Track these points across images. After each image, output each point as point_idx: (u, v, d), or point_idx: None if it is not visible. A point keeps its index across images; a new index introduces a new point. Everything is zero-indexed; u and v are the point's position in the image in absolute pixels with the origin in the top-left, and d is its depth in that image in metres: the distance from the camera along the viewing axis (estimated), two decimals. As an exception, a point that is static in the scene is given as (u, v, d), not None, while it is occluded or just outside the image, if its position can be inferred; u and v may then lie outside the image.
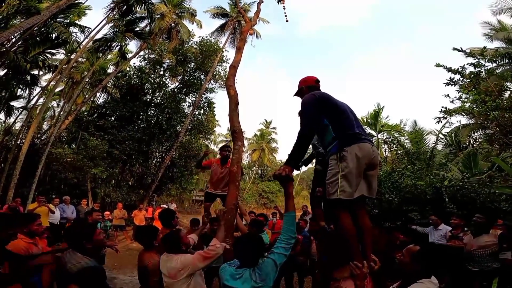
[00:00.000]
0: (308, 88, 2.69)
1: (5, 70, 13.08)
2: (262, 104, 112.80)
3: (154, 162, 19.47)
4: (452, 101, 10.91)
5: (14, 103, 16.53)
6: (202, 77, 20.17)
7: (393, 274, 2.45)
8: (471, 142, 13.83)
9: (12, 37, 10.93)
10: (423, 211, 6.98)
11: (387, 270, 2.68)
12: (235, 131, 3.92)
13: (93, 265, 2.38)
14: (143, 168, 17.49)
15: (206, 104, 21.08)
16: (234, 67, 4.78)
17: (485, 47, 9.18)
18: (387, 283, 2.45)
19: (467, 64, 9.06)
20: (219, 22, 22.36)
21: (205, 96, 20.66)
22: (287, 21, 7.55)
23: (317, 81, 2.80)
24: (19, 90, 15.33)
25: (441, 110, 10.35)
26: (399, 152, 13.81)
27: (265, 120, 43.95)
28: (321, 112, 2.34)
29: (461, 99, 11.14)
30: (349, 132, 2.29)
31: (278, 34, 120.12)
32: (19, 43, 12.68)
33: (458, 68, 8.89)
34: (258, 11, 6.65)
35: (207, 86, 19.93)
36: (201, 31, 69.23)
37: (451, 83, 9.11)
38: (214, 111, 22.03)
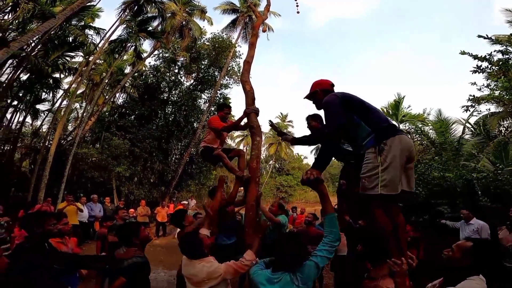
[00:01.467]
0: (323, 92, 2.57)
1: (28, 74, 13.62)
2: (277, 97, 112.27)
3: (173, 159, 19.87)
4: (480, 89, 10.46)
5: (40, 106, 17.29)
6: (216, 73, 20.27)
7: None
8: (502, 131, 13.08)
9: (31, 41, 11.35)
10: (453, 205, 6.65)
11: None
12: (253, 127, 3.82)
13: (142, 261, 2.64)
14: (163, 165, 17.86)
15: (221, 100, 21.04)
16: (248, 62, 4.66)
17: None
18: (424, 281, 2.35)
19: (494, 51, 8.66)
20: (229, 18, 22.27)
21: (220, 92, 20.76)
22: (298, 12, 7.35)
23: (332, 85, 2.68)
24: (43, 93, 15.94)
25: (469, 98, 9.91)
26: (424, 142, 13.29)
27: (281, 114, 43.56)
28: (348, 110, 2.27)
29: (489, 87, 10.61)
30: (385, 125, 2.21)
31: (288, 28, 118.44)
32: (38, 47, 13.16)
33: (485, 56, 8.48)
34: (268, 5, 6.37)
35: (221, 82, 20.06)
36: (212, 28, 69.02)
37: (479, 71, 8.68)
38: (230, 106, 22.04)
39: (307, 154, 50.13)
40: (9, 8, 10.14)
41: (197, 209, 11.54)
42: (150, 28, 16.74)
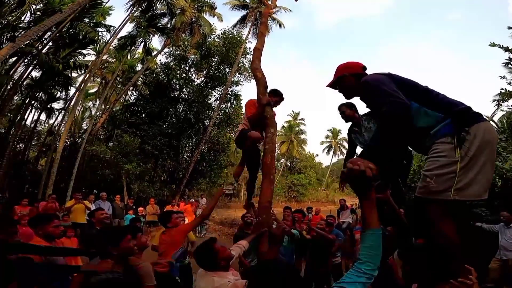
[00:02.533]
0: (354, 76, 2.06)
1: (40, 72, 13.70)
2: (288, 95, 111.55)
3: (184, 157, 19.76)
4: (510, 83, 9.74)
5: (55, 105, 17.55)
6: (227, 70, 20.03)
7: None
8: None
9: (43, 39, 11.34)
10: (491, 207, 6.08)
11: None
12: (266, 117, 3.38)
13: (116, 279, 1.99)
14: (174, 163, 17.78)
15: (232, 97, 20.96)
16: (258, 49, 4.29)
17: None
18: None
19: None
20: (239, 14, 21.89)
21: (231, 89, 20.55)
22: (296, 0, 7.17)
23: (364, 68, 2.13)
24: (57, 92, 16.09)
25: (500, 92, 9.18)
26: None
27: (293, 112, 43.09)
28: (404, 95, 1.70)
29: None
30: (463, 107, 1.67)
31: (298, 26, 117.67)
32: (49, 45, 13.22)
33: None
34: None
35: (232, 79, 19.77)
36: (222, 25, 68.85)
37: (510, 63, 8.06)
38: (241, 103, 21.84)
39: (319, 151, 49.30)
40: (15, 4, 10.04)
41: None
42: (160, 24, 16.70)
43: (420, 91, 1.79)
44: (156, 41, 71.27)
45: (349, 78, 2.09)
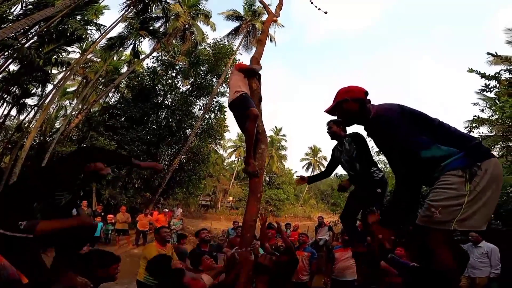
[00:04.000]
0: (356, 102, 2.00)
1: (18, 66, 12.92)
2: (271, 111, 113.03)
3: (162, 164, 19.06)
4: (482, 110, 10.27)
5: (28, 101, 16.45)
6: (214, 80, 19.93)
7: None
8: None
9: (30, 33, 10.75)
10: None
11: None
12: (258, 132, 3.20)
13: None
14: (150, 171, 17.08)
15: (217, 108, 20.73)
16: (256, 58, 4.16)
17: None
18: None
19: (502, 70, 8.56)
20: (233, 25, 22.19)
21: (217, 100, 20.34)
22: (326, 12, 7.14)
23: (367, 93, 2.07)
24: (32, 87, 15.19)
25: (473, 119, 9.63)
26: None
27: (275, 127, 43.49)
28: (417, 129, 1.76)
29: (492, 108, 10.45)
30: (476, 142, 1.71)
31: (286, 41, 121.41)
32: (34, 38, 12.56)
33: (494, 74, 8.35)
34: (281, 4, 6.06)
35: (218, 89, 19.67)
36: (214, 34, 69.48)
37: (487, 90, 8.52)
38: (225, 115, 21.69)
39: (298, 168, 49.86)
40: None
41: (182, 218, 10.84)
42: (152, 28, 16.48)
43: (432, 125, 1.80)
44: (145, 45, 70.37)
45: (350, 103, 2.02)
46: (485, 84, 8.19)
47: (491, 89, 8.33)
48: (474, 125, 10.13)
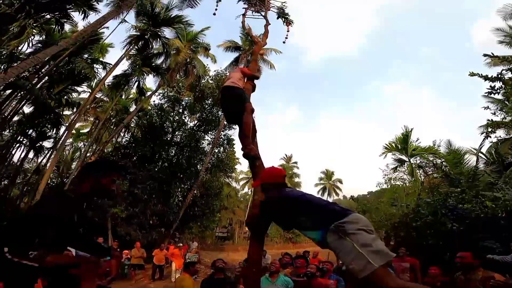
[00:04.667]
0: (275, 186, 2.39)
1: (32, 108, 13.54)
2: (280, 139, 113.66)
3: (175, 201, 19.01)
4: (494, 113, 9.98)
5: (45, 143, 16.96)
6: (220, 113, 19.91)
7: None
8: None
9: (40, 73, 11.37)
10: (499, 239, 5.78)
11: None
12: (256, 166, 3.18)
13: None
14: (164, 207, 17.01)
15: (225, 142, 20.74)
16: (248, 89, 4.28)
17: None
18: None
19: (503, 70, 8.39)
20: (232, 55, 22.53)
21: (224, 133, 20.39)
22: (284, 42, 7.88)
23: (284, 177, 2.53)
24: (47, 130, 15.73)
25: (488, 123, 9.34)
26: (438, 176, 12.59)
27: (286, 155, 43.41)
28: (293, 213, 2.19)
29: (503, 110, 10.16)
30: (330, 208, 2.07)
31: (285, 69, 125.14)
32: (45, 78, 13.24)
33: (497, 75, 8.20)
34: (267, 32, 6.42)
35: (225, 122, 19.46)
36: (215, 66, 71.98)
37: (493, 91, 8.31)
38: (234, 148, 21.74)
39: (313, 193, 48.79)
40: (16, 33, 10.17)
41: (198, 252, 10.62)
42: (154, 64, 17.02)
43: (312, 206, 2.13)
44: (151, 82, 73.55)
45: (270, 188, 2.39)
46: (491, 86, 8.03)
47: (498, 91, 8.14)
48: (490, 129, 9.82)
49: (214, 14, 8.12)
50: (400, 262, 5.39)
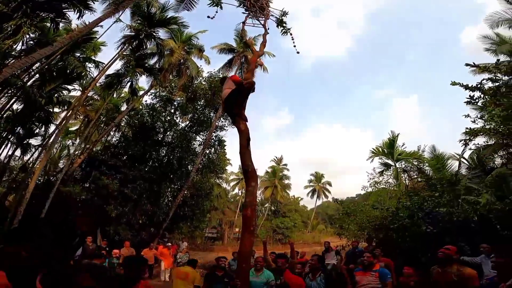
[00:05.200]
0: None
1: (22, 105, 13.37)
2: (269, 141, 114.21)
3: (165, 201, 19.04)
4: (474, 121, 10.37)
5: (32, 141, 16.76)
6: (212, 114, 20.20)
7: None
8: (495, 163, 12.99)
9: (31, 71, 11.24)
10: (470, 242, 6.18)
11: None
12: (247, 171, 3.51)
13: None
14: (154, 207, 17.05)
15: (216, 143, 20.82)
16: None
17: (498, 59, 8.83)
18: None
19: (483, 80, 8.68)
20: (226, 57, 22.37)
21: (216, 134, 20.47)
22: (298, 52, 7.75)
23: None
24: (35, 127, 15.52)
25: (466, 131, 9.72)
26: (422, 179, 13.07)
27: (276, 157, 43.81)
28: None
29: (483, 118, 10.59)
30: None
31: (276, 73, 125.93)
32: (36, 76, 13.07)
33: (476, 85, 8.52)
34: (264, 41, 6.54)
35: (217, 124, 19.83)
36: (209, 67, 71.30)
37: (472, 101, 8.68)
38: (225, 149, 21.85)
39: (303, 195, 49.72)
40: (11, 31, 10.07)
41: (188, 252, 10.75)
42: (147, 64, 16.98)
43: None
44: (143, 81, 72.63)
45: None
46: (470, 96, 8.34)
47: (477, 100, 8.49)
48: (468, 137, 10.24)
49: (209, 17, 8.08)
50: (378, 262, 5.72)
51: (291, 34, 7.70)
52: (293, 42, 7.60)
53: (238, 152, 3.73)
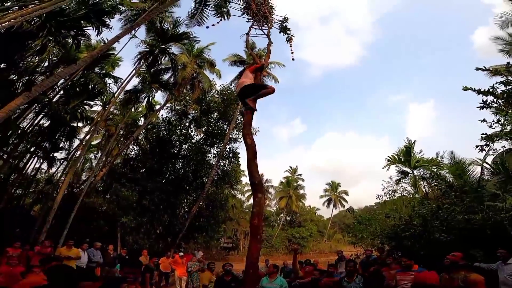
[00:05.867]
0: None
1: (49, 121, 14.23)
2: (283, 152, 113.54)
3: (181, 212, 19.45)
4: (491, 126, 10.06)
5: (57, 155, 17.60)
6: (225, 126, 20.55)
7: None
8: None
9: (56, 87, 11.93)
10: (486, 248, 6.05)
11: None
12: (254, 183, 3.73)
13: None
14: (170, 218, 17.50)
15: (230, 155, 21.02)
16: (248, 113, 4.58)
17: (508, 63, 8.61)
18: None
19: (496, 83, 8.47)
20: (237, 69, 22.58)
21: (229, 146, 20.73)
22: (293, 59, 7.84)
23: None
24: (60, 142, 16.29)
25: (481, 137, 9.45)
26: (442, 187, 12.75)
27: (291, 168, 43.64)
28: None
29: (500, 122, 10.25)
30: None
31: (287, 83, 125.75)
32: (60, 93, 13.86)
33: (488, 89, 8.34)
34: (269, 52, 6.65)
35: (230, 136, 20.13)
36: (220, 81, 71.51)
37: (485, 106, 8.48)
38: (239, 161, 22.05)
39: (319, 206, 48.96)
40: (37, 49, 10.78)
41: (203, 261, 10.96)
42: (162, 80, 17.65)
43: None
44: (158, 95, 74.07)
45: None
46: (483, 100, 8.17)
47: (490, 105, 8.31)
48: (485, 143, 9.92)
49: (208, 27, 8.22)
50: (389, 270, 5.77)
51: (290, 41, 7.70)
52: (291, 50, 7.64)
53: (246, 165, 3.96)
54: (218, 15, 7.81)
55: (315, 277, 6.13)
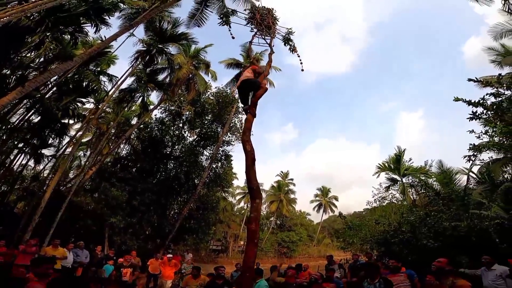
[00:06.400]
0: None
1: (39, 117, 13.89)
2: (275, 156, 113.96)
3: (172, 213, 19.25)
4: (479, 136, 10.32)
5: (45, 151, 17.21)
6: (219, 129, 20.49)
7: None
8: (506, 177, 12.82)
9: (48, 83, 11.67)
10: (471, 255, 6.23)
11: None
12: (253, 189, 3.80)
13: None
14: (160, 219, 17.28)
15: (223, 158, 20.95)
16: (249, 120, 4.59)
17: (500, 74, 8.87)
18: None
19: (486, 95, 8.68)
20: (233, 72, 22.61)
21: (222, 149, 20.67)
22: (302, 70, 7.87)
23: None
24: (50, 138, 15.88)
25: (470, 147, 9.70)
26: (429, 194, 13.00)
27: (282, 172, 43.88)
28: None
29: (488, 133, 10.54)
30: None
31: (281, 89, 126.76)
32: (54, 89, 13.57)
33: (479, 100, 8.54)
34: (270, 61, 6.60)
35: (223, 138, 20.12)
36: (216, 83, 71.43)
37: (475, 117, 8.69)
38: (232, 164, 22.01)
39: (309, 211, 49.18)
40: (33, 45, 10.53)
41: (192, 263, 10.83)
42: (158, 79, 17.46)
43: None
44: (153, 95, 73.47)
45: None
46: (473, 112, 8.34)
47: (479, 116, 8.52)
48: (473, 153, 10.18)
49: (233, 38, 8.31)
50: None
51: (296, 52, 7.78)
52: (300, 60, 7.73)
53: (244, 171, 3.99)
54: (224, 23, 7.81)
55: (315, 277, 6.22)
